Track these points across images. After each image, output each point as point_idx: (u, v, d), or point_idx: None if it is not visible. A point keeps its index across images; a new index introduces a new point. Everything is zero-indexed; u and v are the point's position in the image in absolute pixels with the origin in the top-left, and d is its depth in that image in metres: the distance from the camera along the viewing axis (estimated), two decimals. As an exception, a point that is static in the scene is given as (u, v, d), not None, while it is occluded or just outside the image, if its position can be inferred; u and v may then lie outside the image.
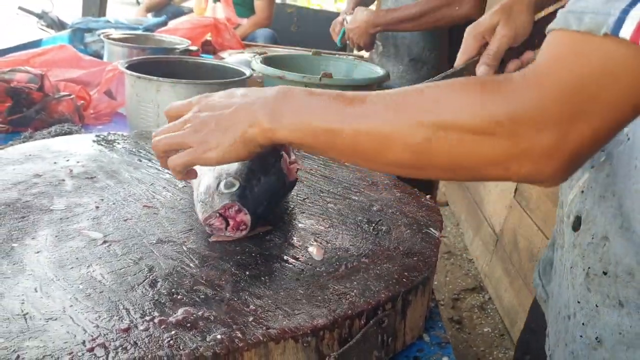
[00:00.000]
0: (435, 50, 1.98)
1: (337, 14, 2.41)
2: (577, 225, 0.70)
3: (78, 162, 0.96)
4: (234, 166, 0.78)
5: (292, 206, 0.88)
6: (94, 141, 1.07)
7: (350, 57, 2.04)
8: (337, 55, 1.99)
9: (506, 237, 2.79)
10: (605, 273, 0.65)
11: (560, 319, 0.76)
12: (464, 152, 0.52)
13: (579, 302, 0.70)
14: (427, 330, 0.77)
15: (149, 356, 0.53)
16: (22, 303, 0.59)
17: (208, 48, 2.37)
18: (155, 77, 1.22)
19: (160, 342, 0.55)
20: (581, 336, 0.70)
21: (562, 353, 0.75)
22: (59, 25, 2.76)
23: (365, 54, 2.39)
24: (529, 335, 0.97)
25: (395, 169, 0.61)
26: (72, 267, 0.66)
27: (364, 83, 1.39)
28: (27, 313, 0.57)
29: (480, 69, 0.82)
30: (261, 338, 0.57)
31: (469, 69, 0.85)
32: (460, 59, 0.86)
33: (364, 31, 1.82)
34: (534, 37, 0.85)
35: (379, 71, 1.46)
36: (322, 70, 1.41)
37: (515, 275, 2.59)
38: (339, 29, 2.06)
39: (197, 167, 0.75)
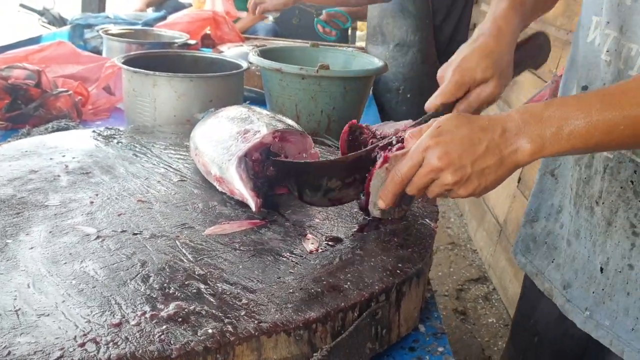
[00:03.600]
0: (418, 32, 2.00)
1: (339, 12, 2.42)
2: None
3: (74, 157, 0.96)
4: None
5: (286, 199, 0.88)
6: (90, 137, 1.07)
7: (350, 48, 2.03)
8: (335, 47, 1.98)
9: (510, 227, 2.78)
10: None
11: (608, 275, 0.79)
12: None
13: None
14: (422, 321, 0.77)
15: (140, 351, 0.53)
16: (15, 299, 0.59)
17: (207, 42, 2.36)
18: (151, 72, 1.22)
19: (151, 336, 0.55)
20: None
21: (620, 304, 0.78)
22: (60, 21, 2.76)
23: (363, 44, 2.41)
24: (532, 304, 0.99)
25: None
26: (65, 263, 0.66)
27: (362, 74, 1.38)
28: (19, 309, 0.57)
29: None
30: (253, 332, 0.57)
31: (445, 111, 0.82)
32: (437, 99, 0.83)
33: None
34: None
35: (377, 62, 1.45)
36: (320, 62, 1.40)
37: (519, 265, 2.59)
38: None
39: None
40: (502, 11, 0.84)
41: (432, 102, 0.83)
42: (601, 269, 0.81)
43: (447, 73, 0.83)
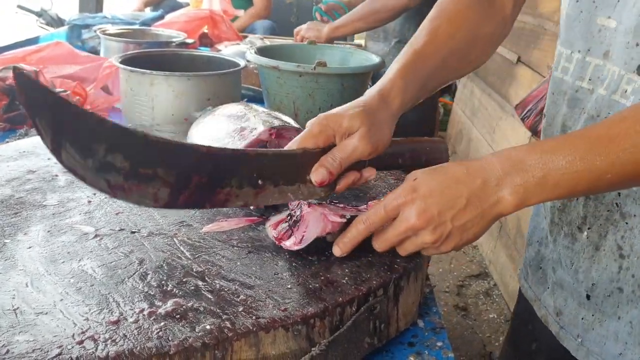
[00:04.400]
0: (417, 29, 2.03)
1: (338, 4, 2.43)
2: None
3: (72, 157, 0.96)
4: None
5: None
6: (88, 136, 1.07)
7: (347, 45, 2.04)
8: (333, 44, 1.98)
9: (510, 223, 2.78)
10: None
11: (596, 301, 0.76)
12: None
13: None
14: (421, 316, 0.77)
15: (138, 348, 0.53)
16: (13, 298, 0.59)
17: (205, 41, 2.36)
18: (148, 71, 1.22)
19: (149, 333, 0.55)
20: None
21: (610, 329, 0.75)
22: (58, 22, 2.76)
23: (361, 41, 2.42)
24: (529, 325, 0.96)
25: None
26: (63, 262, 0.66)
27: (360, 71, 1.38)
28: (17, 308, 0.57)
29: (318, 171, 0.70)
30: (251, 327, 0.57)
31: (307, 157, 0.70)
32: (302, 141, 0.71)
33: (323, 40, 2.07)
34: (384, 156, 0.75)
35: (374, 59, 1.46)
36: (317, 60, 1.40)
37: (520, 261, 2.58)
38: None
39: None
40: (390, 77, 0.78)
41: (296, 144, 0.72)
42: (587, 296, 0.78)
43: (313, 119, 0.73)
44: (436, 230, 0.64)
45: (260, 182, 0.65)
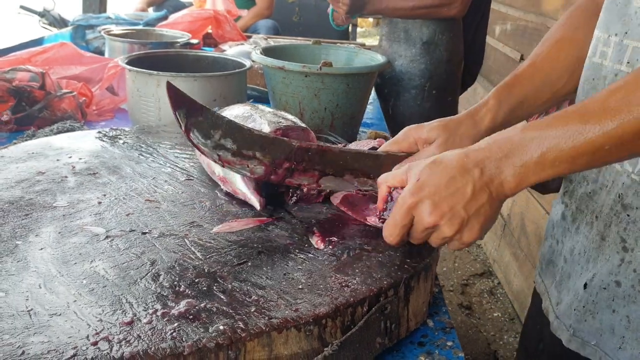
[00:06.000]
0: (447, 32, 2.01)
1: None
2: None
3: (80, 158, 0.97)
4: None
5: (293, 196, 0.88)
6: (96, 137, 1.08)
7: (352, 45, 2.03)
8: (337, 44, 1.98)
9: (514, 221, 2.78)
10: None
11: (591, 292, 0.76)
12: None
13: None
14: (431, 316, 0.77)
15: (152, 349, 0.53)
16: (27, 299, 0.59)
17: (209, 41, 2.36)
18: (155, 72, 1.22)
19: (163, 334, 0.55)
20: None
21: (604, 322, 0.76)
22: (60, 22, 2.76)
23: (367, 42, 2.41)
24: (538, 325, 0.96)
25: None
26: (75, 263, 0.67)
27: (365, 71, 1.38)
28: (31, 309, 0.58)
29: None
30: (263, 328, 0.58)
31: (390, 159, 0.84)
32: (386, 147, 0.86)
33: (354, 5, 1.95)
34: None
35: (379, 59, 1.46)
36: (322, 60, 1.41)
37: (524, 259, 2.59)
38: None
39: None
40: (487, 96, 0.86)
41: (384, 149, 0.86)
42: (585, 285, 0.78)
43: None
44: (453, 222, 0.66)
45: (346, 174, 0.79)
